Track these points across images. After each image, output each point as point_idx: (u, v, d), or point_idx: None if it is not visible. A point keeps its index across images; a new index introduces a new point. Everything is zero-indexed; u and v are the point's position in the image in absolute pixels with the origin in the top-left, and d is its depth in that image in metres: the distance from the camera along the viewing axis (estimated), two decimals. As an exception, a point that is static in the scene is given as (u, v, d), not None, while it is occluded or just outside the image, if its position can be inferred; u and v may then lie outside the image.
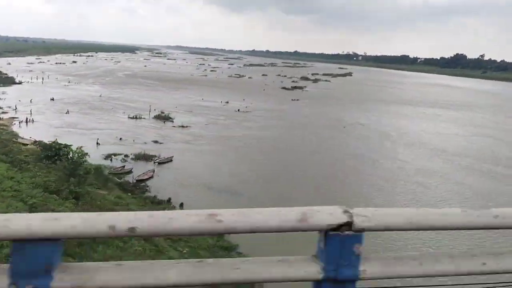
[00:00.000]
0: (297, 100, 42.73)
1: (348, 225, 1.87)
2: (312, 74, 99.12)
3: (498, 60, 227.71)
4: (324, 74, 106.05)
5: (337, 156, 26.12)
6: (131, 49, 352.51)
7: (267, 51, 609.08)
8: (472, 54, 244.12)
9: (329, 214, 1.85)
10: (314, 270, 1.92)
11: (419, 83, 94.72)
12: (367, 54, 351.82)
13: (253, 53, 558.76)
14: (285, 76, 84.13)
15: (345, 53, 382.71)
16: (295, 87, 58.39)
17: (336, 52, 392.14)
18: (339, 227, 1.89)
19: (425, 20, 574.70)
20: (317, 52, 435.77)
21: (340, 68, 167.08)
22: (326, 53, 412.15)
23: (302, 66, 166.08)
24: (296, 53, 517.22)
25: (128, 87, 60.31)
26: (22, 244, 1.45)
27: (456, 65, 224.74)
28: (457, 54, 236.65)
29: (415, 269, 2.00)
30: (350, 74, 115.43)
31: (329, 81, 78.92)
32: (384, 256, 2.07)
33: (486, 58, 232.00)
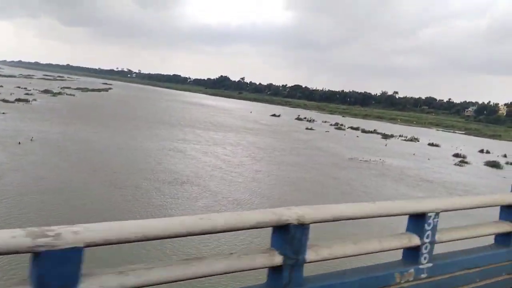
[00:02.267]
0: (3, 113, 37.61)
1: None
2: (62, 88, 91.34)
3: (257, 83, 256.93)
4: (77, 88, 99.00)
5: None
6: None
7: (36, 63, 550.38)
8: (236, 77, 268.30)
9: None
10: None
11: (179, 101, 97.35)
12: (142, 71, 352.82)
13: (19, 63, 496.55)
14: (25, 88, 74.92)
15: (119, 69, 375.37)
16: (19, 100, 51.98)
17: (113, 68, 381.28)
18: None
19: (204, 43, 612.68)
20: (93, 66, 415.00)
21: (104, 83, 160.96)
22: (103, 68, 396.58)
23: (63, 80, 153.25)
24: (68, 66, 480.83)
25: None
26: None
27: (221, 86, 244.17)
28: (221, 76, 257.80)
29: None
30: (106, 90, 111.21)
31: (74, 95, 73.44)
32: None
33: (246, 80, 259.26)
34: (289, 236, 2.60)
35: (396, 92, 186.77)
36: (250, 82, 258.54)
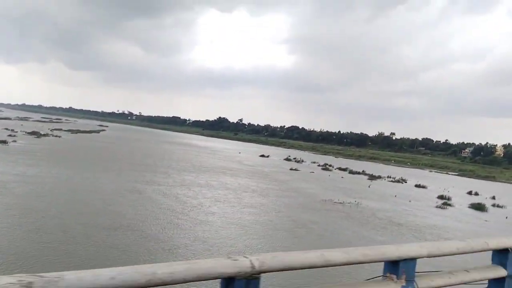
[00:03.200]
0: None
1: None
2: (52, 130, 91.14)
3: (255, 124, 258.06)
4: (68, 130, 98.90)
5: None
6: None
7: (40, 106, 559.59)
8: (235, 118, 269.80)
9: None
10: None
11: (169, 142, 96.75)
12: (142, 114, 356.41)
13: (22, 107, 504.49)
14: (12, 130, 74.67)
15: (120, 111, 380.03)
16: (-3, 141, 51.30)
17: (114, 110, 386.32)
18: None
19: (207, 86, 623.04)
20: (95, 109, 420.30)
21: (100, 125, 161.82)
22: (105, 110, 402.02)
23: (59, 122, 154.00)
24: (70, 109, 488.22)
25: None
26: None
27: (220, 127, 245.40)
28: (219, 117, 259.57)
29: None
30: (98, 131, 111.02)
31: (60, 136, 72.89)
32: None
33: (245, 121, 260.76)
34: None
35: (393, 133, 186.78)
36: (249, 123, 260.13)
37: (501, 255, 4.08)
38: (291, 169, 57.58)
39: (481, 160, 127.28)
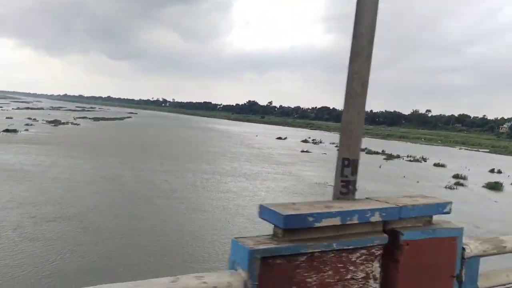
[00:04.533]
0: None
1: None
2: (76, 118, 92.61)
3: (286, 106, 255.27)
4: (93, 118, 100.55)
5: None
6: None
7: (80, 96, 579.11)
8: (265, 101, 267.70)
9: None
10: None
11: (191, 127, 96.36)
12: (175, 100, 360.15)
13: (64, 97, 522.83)
14: (34, 119, 76.31)
15: (155, 99, 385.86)
16: (7, 130, 51.98)
17: (150, 98, 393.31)
18: None
19: (244, 70, 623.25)
20: (133, 97, 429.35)
21: (130, 113, 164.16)
22: (142, 98, 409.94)
23: (91, 111, 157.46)
24: (108, 98, 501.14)
25: None
26: None
27: (249, 110, 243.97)
28: (249, 100, 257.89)
29: None
30: (122, 119, 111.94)
31: (79, 124, 73.71)
32: None
33: (275, 104, 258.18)
34: None
35: (429, 111, 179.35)
36: (280, 106, 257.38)
37: None
38: (302, 151, 55.45)
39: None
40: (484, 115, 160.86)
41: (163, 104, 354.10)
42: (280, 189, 27.25)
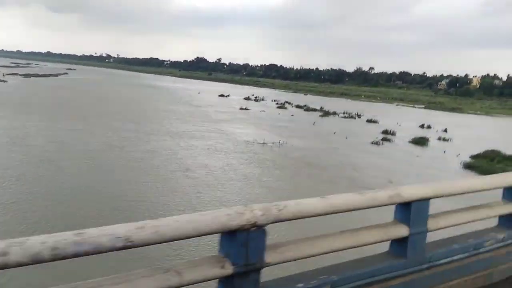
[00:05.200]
0: None
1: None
2: (5, 75, 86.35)
3: (235, 63, 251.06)
4: (24, 74, 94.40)
5: None
6: None
7: (19, 51, 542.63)
8: (214, 58, 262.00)
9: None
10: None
11: (131, 84, 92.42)
12: (120, 56, 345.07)
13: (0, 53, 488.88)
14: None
15: (98, 54, 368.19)
16: None
17: (93, 54, 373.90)
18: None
19: (193, 26, 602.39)
20: (75, 53, 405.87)
21: (68, 69, 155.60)
22: (86, 54, 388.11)
23: (25, 67, 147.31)
24: (49, 54, 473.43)
25: None
26: None
27: (197, 67, 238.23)
28: (197, 57, 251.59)
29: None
30: (56, 75, 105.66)
31: (6, 81, 68.75)
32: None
33: (224, 61, 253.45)
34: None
35: (372, 68, 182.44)
36: (230, 63, 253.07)
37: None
38: (240, 109, 54.78)
39: (455, 92, 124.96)
40: (424, 72, 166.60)
41: (107, 60, 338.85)
42: (203, 147, 26.55)
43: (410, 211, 3.11)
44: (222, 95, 76.86)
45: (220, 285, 2.38)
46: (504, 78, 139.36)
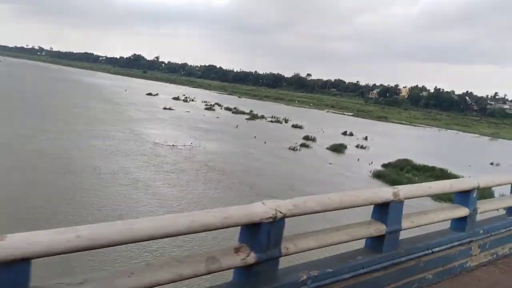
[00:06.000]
0: None
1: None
2: None
3: (174, 62, 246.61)
4: None
5: None
6: None
7: None
8: (152, 56, 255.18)
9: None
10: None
11: (52, 78, 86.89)
12: (53, 49, 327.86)
13: None
14: None
15: (30, 46, 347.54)
16: None
17: (24, 45, 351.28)
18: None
19: (137, 23, 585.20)
20: (5, 44, 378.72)
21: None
22: (18, 46, 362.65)
23: None
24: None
25: None
26: None
27: (134, 65, 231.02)
28: (134, 54, 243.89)
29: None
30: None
31: None
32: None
33: (163, 59, 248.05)
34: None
35: (309, 74, 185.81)
36: (169, 61, 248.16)
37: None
38: (164, 109, 52.71)
39: (384, 101, 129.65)
40: (358, 81, 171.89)
41: (38, 53, 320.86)
42: (103, 148, 24.52)
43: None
44: (150, 94, 74.13)
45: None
46: (432, 90, 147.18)
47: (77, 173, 18.35)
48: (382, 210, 3.44)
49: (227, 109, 63.59)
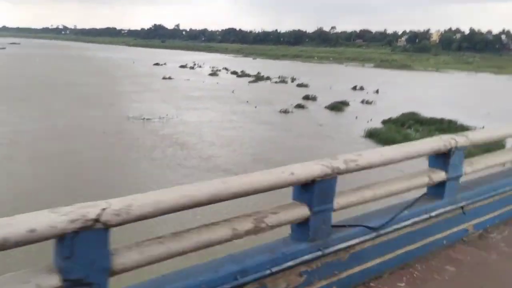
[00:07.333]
0: None
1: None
2: None
3: (191, 29, 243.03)
4: None
5: None
6: None
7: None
8: (172, 25, 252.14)
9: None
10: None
11: (70, 56, 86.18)
12: (77, 27, 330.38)
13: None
14: None
15: (54, 27, 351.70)
16: None
17: (50, 26, 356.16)
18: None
19: None
20: (35, 26, 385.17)
21: (12, 43, 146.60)
22: (46, 27, 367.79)
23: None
24: (4, 28, 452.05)
25: None
26: None
27: (156, 35, 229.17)
28: (155, 24, 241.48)
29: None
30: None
31: None
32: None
33: (181, 28, 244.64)
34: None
35: (334, 27, 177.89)
36: (190, 29, 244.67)
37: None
38: (163, 78, 50.36)
39: (411, 48, 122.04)
40: (385, 29, 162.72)
41: (63, 32, 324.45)
42: (71, 127, 22.69)
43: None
44: (157, 64, 71.96)
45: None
46: (467, 32, 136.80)
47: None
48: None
49: (233, 73, 60.65)
